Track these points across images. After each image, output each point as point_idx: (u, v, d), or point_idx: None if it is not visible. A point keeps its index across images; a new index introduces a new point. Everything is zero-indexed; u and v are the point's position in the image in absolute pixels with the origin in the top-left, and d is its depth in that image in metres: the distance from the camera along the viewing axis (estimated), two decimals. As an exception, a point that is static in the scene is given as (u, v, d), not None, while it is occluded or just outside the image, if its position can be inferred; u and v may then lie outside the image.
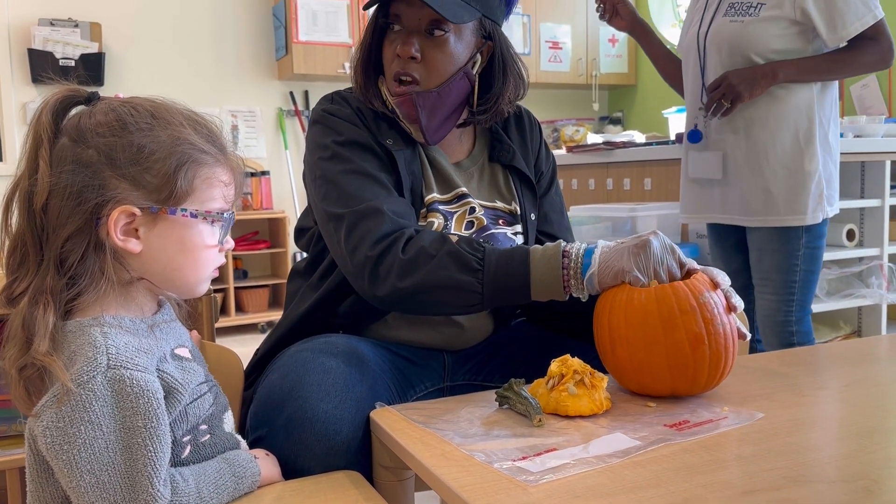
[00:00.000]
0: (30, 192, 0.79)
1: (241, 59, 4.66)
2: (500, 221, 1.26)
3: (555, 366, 0.95)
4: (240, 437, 0.92)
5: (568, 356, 0.96)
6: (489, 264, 1.03)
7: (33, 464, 0.78)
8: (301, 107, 4.81)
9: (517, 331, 1.33)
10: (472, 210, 1.23)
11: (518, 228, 1.27)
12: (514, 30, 5.13)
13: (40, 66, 4.04)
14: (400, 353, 1.22)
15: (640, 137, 3.82)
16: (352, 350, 1.08)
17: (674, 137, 3.29)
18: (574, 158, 3.49)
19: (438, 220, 1.20)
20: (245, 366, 1.15)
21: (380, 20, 1.21)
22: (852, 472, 0.73)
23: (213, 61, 4.58)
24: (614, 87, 5.71)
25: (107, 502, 0.72)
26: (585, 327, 1.05)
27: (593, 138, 4.05)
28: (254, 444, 0.98)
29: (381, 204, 1.10)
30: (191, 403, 0.82)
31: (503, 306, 1.27)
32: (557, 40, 5.30)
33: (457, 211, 1.23)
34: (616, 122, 5.55)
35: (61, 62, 4.07)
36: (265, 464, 0.90)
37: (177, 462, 0.80)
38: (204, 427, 0.84)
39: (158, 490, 0.73)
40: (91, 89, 0.85)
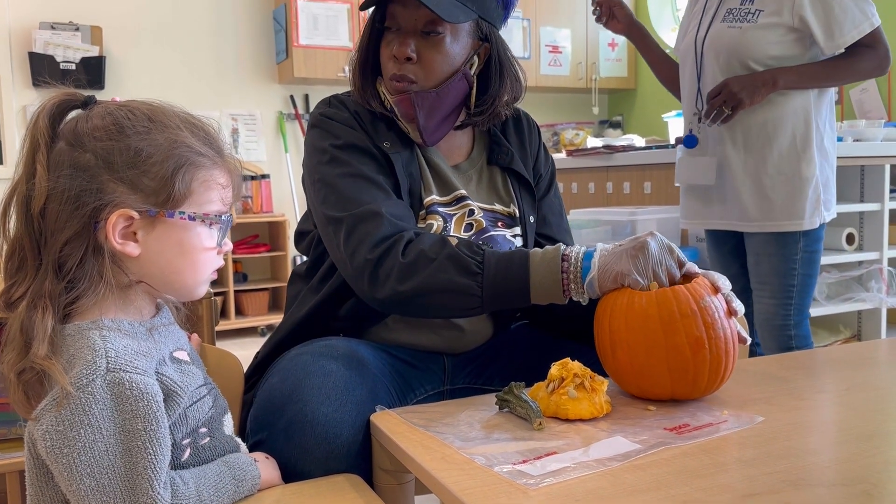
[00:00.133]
0: (27, 196, 0.79)
1: (241, 63, 4.67)
2: (498, 224, 1.26)
3: (555, 369, 0.95)
4: (240, 440, 0.92)
5: (568, 360, 0.97)
6: (488, 268, 1.03)
7: (33, 467, 0.78)
8: (301, 110, 4.82)
9: (517, 334, 1.33)
10: (471, 212, 1.24)
11: (517, 231, 1.27)
12: (515, 34, 5.14)
13: (41, 70, 4.04)
14: (400, 356, 1.22)
15: (639, 141, 3.83)
16: (352, 353, 1.08)
17: (673, 141, 3.29)
18: (574, 162, 3.49)
19: (438, 223, 1.20)
20: (245, 369, 1.15)
21: (377, 22, 1.21)
22: (852, 476, 0.73)
23: (213, 65, 4.59)
24: (614, 91, 5.72)
25: (107, 505, 0.72)
26: (586, 330, 1.05)
27: (593, 142, 4.05)
28: (254, 448, 0.98)
29: (379, 207, 1.10)
30: (190, 406, 0.82)
31: (503, 309, 1.28)
32: (557, 44, 5.31)
33: (456, 213, 1.23)
34: (616, 125, 5.56)
35: (62, 65, 4.07)
36: (265, 467, 0.90)
37: (177, 465, 0.80)
38: (203, 430, 0.84)
39: (158, 493, 0.73)
40: (91, 93, 0.85)
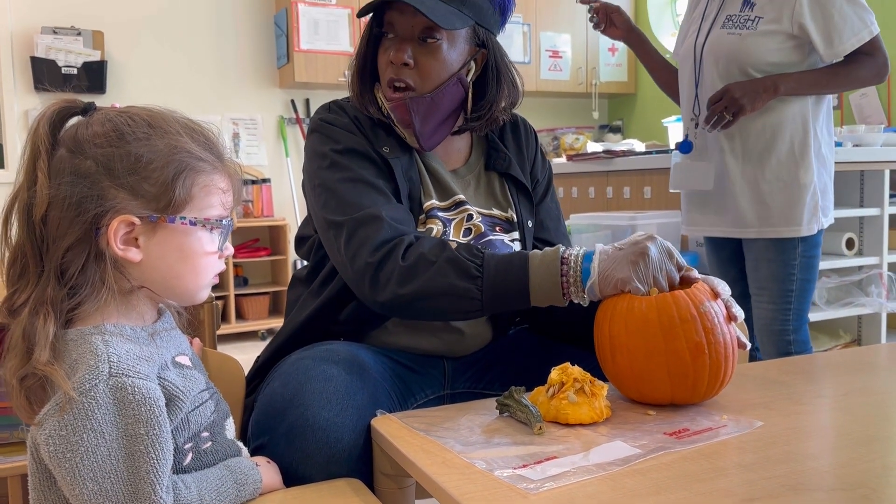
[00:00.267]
0: (29, 203, 0.79)
1: (242, 68, 4.68)
2: (497, 228, 1.27)
3: (555, 374, 0.96)
4: (241, 445, 0.92)
5: (568, 364, 0.97)
6: (488, 271, 1.03)
7: (36, 472, 0.78)
8: (302, 115, 4.82)
9: (517, 339, 1.34)
10: (470, 217, 1.24)
11: (515, 235, 1.28)
12: (515, 38, 5.15)
13: (43, 74, 4.05)
14: (400, 360, 1.22)
15: (639, 146, 3.84)
16: (353, 358, 1.09)
17: (673, 146, 3.30)
18: (574, 167, 3.50)
19: (437, 227, 1.21)
20: (246, 373, 1.15)
21: (374, 29, 1.22)
22: (851, 481, 0.74)
23: (214, 69, 4.60)
24: (614, 96, 5.73)
25: (109, 510, 0.72)
26: (586, 334, 1.06)
27: (593, 147, 4.06)
28: (255, 452, 0.98)
29: (379, 211, 1.11)
30: (192, 411, 0.82)
31: (503, 313, 1.28)
32: (557, 49, 5.32)
33: (455, 218, 1.24)
34: (616, 130, 5.57)
35: (64, 70, 4.08)
36: (267, 471, 0.90)
37: (179, 469, 0.81)
38: (205, 434, 0.85)
39: (161, 497, 0.73)
40: (93, 97, 0.85)
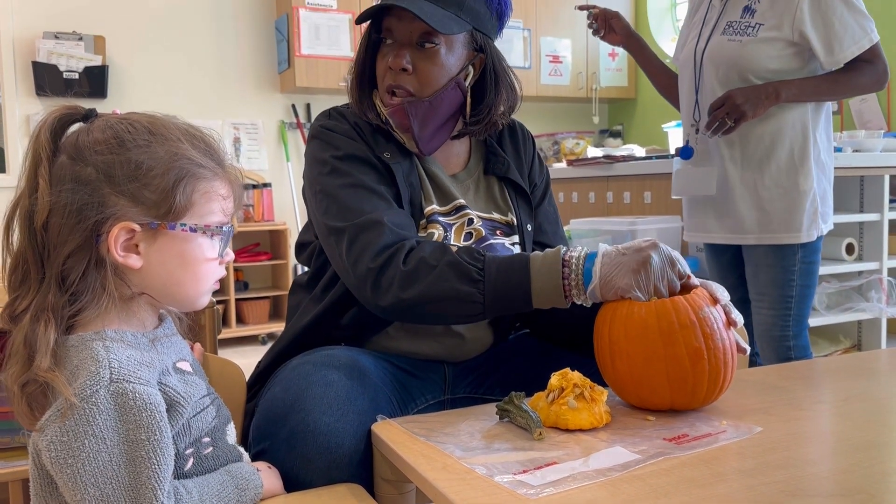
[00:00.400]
0: (30, 210, 0.79)
1: (243, 73, 4.69)
2: (497, 232, 1.27)
3: (555, 379, 0.96)
4: (242, 450, 0.92)
5: (568, 370, 0.97)
6: (489, 274, 1.04)
7: (37, 478, 0.79)
8: (303, 119, 4.83)
9: (518, 344, 1.34)
10: (471, 221, 1.25)
11: (515, 239, 1.28)
12: (515, 44, 5.16)
13: (44, 79, 4.06)
14: (401, 365, 1.23)
15: (639, 151, 3.84)
16: (353, 363, 1.09)
17: (673, 151, 3.30)
18: (574, 172, 3.50)
19: (438, 232, 1.21)
20: (247, 378, 1.15)
21: (373, 35, 1.23)
22: (850, 487, 0.74)
23: (215, 74, 4.61)
24: (614, 101, 5.74)
25: (111, 515, 0.72)
26: (586, 339, 1.06)
27: (593, 151, 4.07)
28: (256, 458, 0.98)
29: (381, 216, 1.11)
30: (194, 417, 0.82)
31: (504, 317, 1.29)
32: (558, 54, 5.34)
33: (455, 222, 1.24)
34: (616, 135, 5.58)
35: (65, 75, 4.09)
36: (267, 476, 0.90)
37: (180, 474, 0.81)
38: (206, 440, 0.85)
39: (162, 502, 0.73)
40: (94, 102, 0.86)
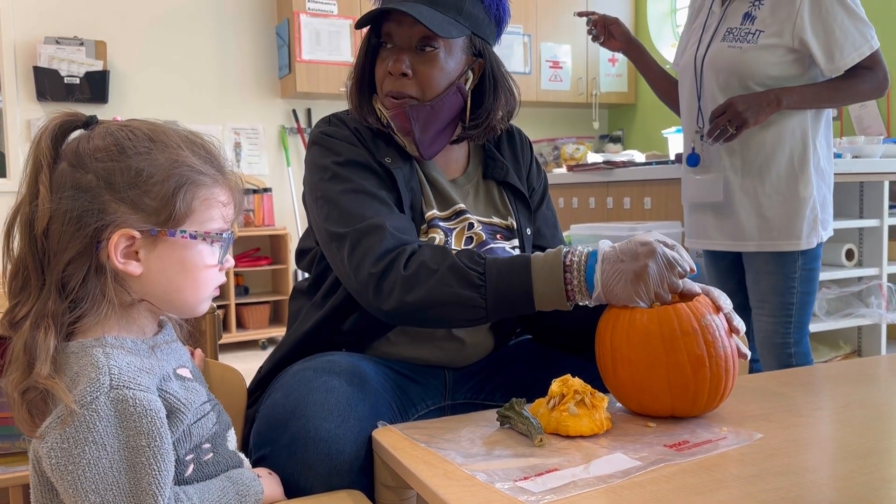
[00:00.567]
0: (31, 217, 0.79)
1: (244, 78, 4.70)
2: (497, 236, 1.28)
3: (556, 386, 0.96)
4: (243, 456, 0.92)
5: (569, 376, 0.97)
6: (490, 278, 1.03)
7: (38, 485, 0.79)
8: (304, 125, 4.84)
9: (518, 350, 1.34)
10: (471, 226, 1.25)
11: (515, 243, 1.29)
12: (515, 49, 5.17)
13: (45, 84, 4.07)
14: (401, 371, 1.23)
15: (639, 156, 3.85)
16: (354, 369, 1.09)
17: (673, 157, 3.31)
18: (575, 177, 3.51)
19: (439, 236, 1.21)
20: (247, 383, 1.15)
21: (372, 39, 1.23)
22: (850, 494, 0.74)
23: (216, 79, 4.62)
24: (614, 106, 5.75)
25: (112, 521, 0.72)
26: (587, 343, 1.06)
27: (593, 157, 4.07)
28: (257, 464, 0.98)
29: (382, 221, 1.11)
30: (194, 423, 0.82)
31: (505, 322, 1.29)
32: (558, 60, 5.35)
33: (456, 227, 1.24)
34: (616, 140, 5.58)
35: (66, 80, 4.10)
36: (268, 483, 0.90)
37: (180, 481, 0.81)
38: (207, 446, 0.85)
39: (163, 509, 0.74)
40: (95, 107, 0.86)
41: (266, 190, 4.58)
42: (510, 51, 5.12)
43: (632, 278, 0.98)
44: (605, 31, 2.19)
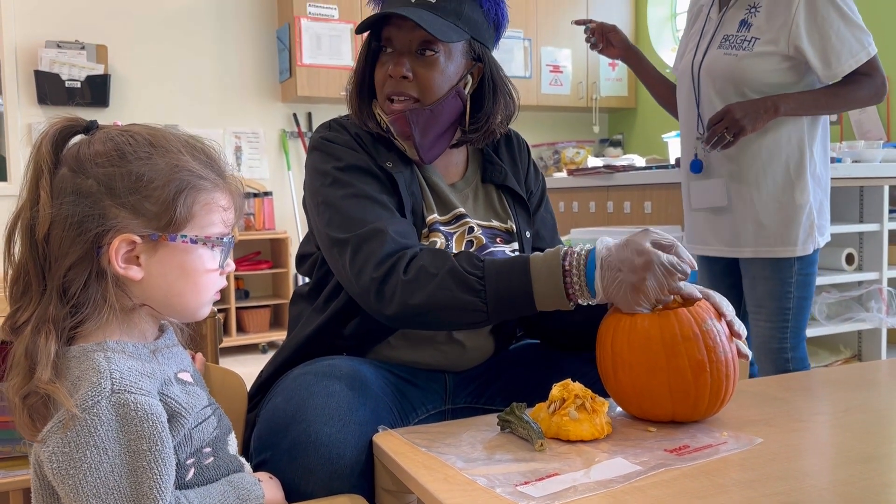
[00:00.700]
0: (32, 222, 0.80)
1: (245, 82, 4.71)
2: (497, 240, 1.28)
3: (556, 390, 0.96)
4: (244, 460, 0.92)
5: (569, 380, 0.97)
6: (490, 282, 1.03)
7: (39, 489, 0.79)
8: (304, 129, 4.85)
9: (518, 354, 1.34)
10: (471, 230, 1.25)
11: (515, 246, 1.29)
12: (516, 54, 5.18)
13: (46, 88, 4.08)
14: (401, 375, 1.23)
15: (640, 160, 3.85)
16: (354, 373, 1.09)
17: (673, 161, 3.31)
18: (575, 181, 3.51)
19: (440, 240, 1.22)
20: (248, 387, 1.15)
21: (372, 44, 1.24)
22: (850, 499, 0.74)
23: (217, 83, 4.62)
24: (614, 110, 5.75)
25: (113, 525, 0.72)
26: (588, 344, 1.06)
27: (594, 161, 4.08)
28: (258, 468, 0.98)
29: (384, 225, 1.11)
30: (195, 427, 0.82)
31: (505, 326, 1.30)
32: (558, 64, 5.36)
33: (456, 231, 1.25)
34: (616, 144, 5.59)
35: (67, 84, 4.10)
36: (269, 487, 0.90)
37: (181, 485, 0.81)
38: (208, 450, 0.85)
39: (164, 513, 0.74)
40: (95, 111, 0.86)
41: (267, 194, 4.58)
42: (510, 55, 5.13)
43: (630, 290, 0.98)
44: (604, 38, 2.20)
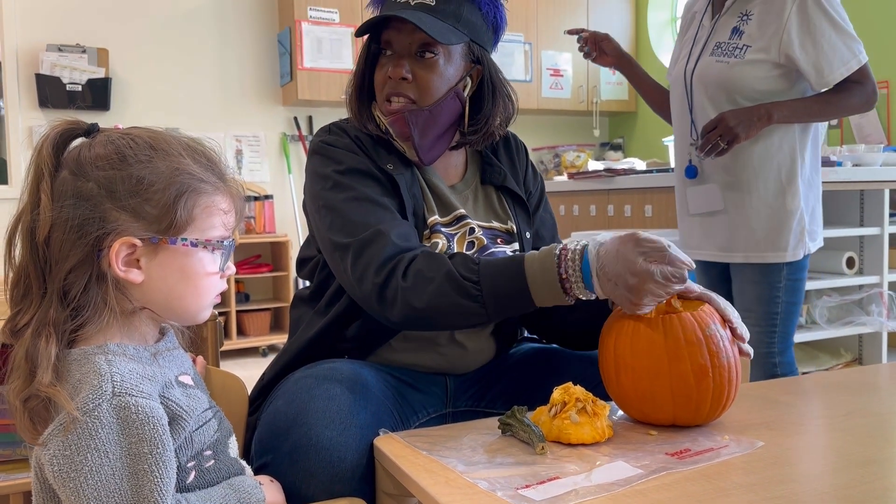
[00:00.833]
0: (32, 225, 0.80)
1: (245, 85, 4.71)
2: (498, 241, 1.28)
3: (557, 393, 0.96)
4: (245, 463, 0.92)
5: (570, 384, 0.97)
6: (486, 286, 1.03)
7: (40, 492, 0.79)
8: (305, 132, 4.86)
9: (519, 357, 1.34)
10: (472, 231, 1.26)
11: (515, 246, 1.29)
12: (516, 57, 5.19)
13: (47, 91, 4.08)
14: (402, 378, 1.23)
15: (640, 164, 3.86)
16: (355, 376, 1.09)
17: (673, 165, 3.31)
18: (576, 185, 3.51)
19: (442, 242, 1.22)
20: (248, 391, 1.15)
21: (372, 47, 1.24)
22: (851, 502, 0.74)
23: (218, 87, 4.63)
24: (615, 114, 5.76)
25: (114, 528, 0.72)
26: (592, 343, 1.06)
27: (594, 165, 4.08)
28: (259, 471, 0.98)
29: (385, 228, 1.12)
30: (196, 430, 0.82)
31: (507, 327, 1.31)
32: (558, 68, 5.36)
33: (457, 232, 1.25)
34: (616, 148, 5.60)
35: (68, 87, 4.11)
36: (270, 490, 0.90)
37: (182, 488, 0.81)
38: (208, 453, 0.85)
39: (165, 516, 0.73)
40: (96, 114, 0.86)
41: (267, 197, 4.59)
42: (511, 59, 5.14)
43: (628, 302, 0.97)
44: (597, 47, 2.21)
